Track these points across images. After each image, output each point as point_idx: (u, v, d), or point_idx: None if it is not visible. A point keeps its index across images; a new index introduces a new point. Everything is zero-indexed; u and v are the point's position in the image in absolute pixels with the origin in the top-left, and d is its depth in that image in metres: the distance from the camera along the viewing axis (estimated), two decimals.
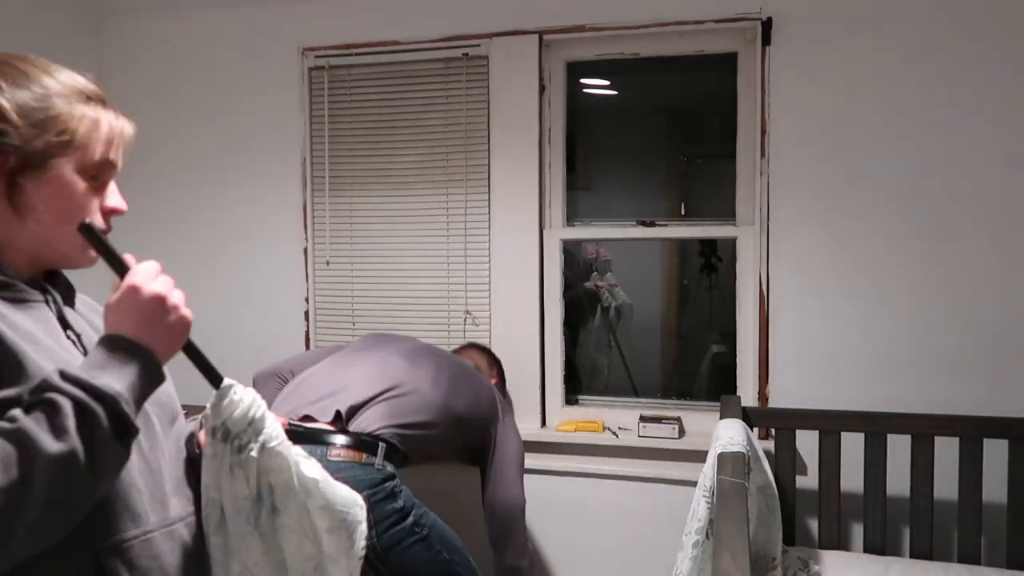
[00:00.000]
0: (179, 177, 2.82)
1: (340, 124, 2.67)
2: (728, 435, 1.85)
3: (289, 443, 1.00)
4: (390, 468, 1.84)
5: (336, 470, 1.50)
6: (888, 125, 2.24)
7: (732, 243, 2.44)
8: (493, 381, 2.32)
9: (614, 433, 2.47)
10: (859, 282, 2.28)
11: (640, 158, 3.00)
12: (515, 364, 2.54)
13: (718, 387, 2.97)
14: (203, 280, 2.80)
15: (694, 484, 2.40)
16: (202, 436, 1.00)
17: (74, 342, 0.93)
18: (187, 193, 2.81)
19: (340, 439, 1.83)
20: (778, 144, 2.31)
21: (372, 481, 1.77)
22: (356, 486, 1.38)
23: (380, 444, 1.84)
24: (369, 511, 1.46)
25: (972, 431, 2.07)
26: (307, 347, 2.73)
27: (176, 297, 0.89)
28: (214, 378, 0.98)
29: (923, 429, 2.10)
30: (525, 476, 2.55)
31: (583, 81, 2.69)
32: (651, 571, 2.48)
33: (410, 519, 1.83)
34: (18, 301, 0.89)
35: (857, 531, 2.30)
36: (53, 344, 0.88)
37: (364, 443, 1.84)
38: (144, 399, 0.85)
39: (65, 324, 0.94)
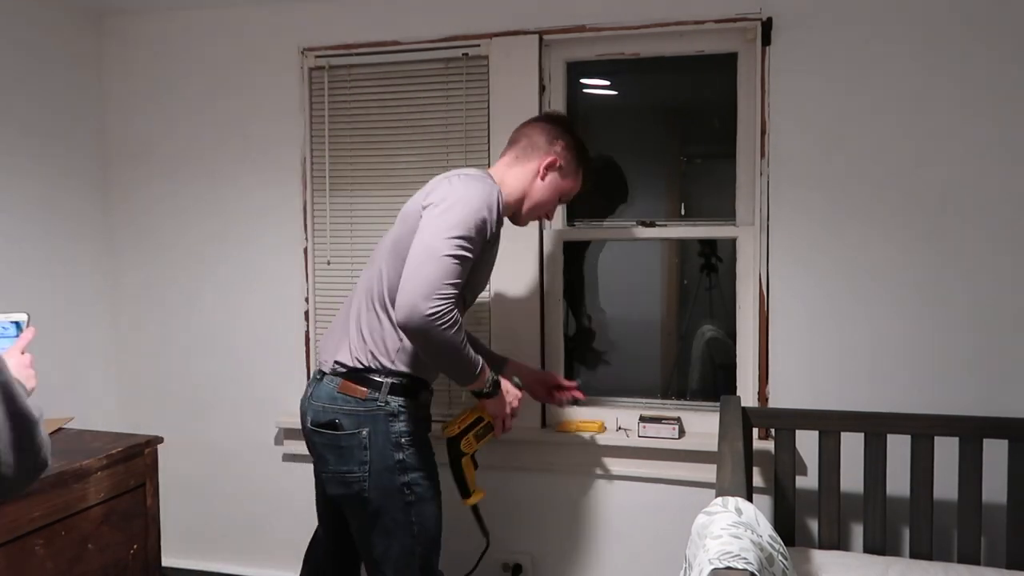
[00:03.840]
0: (179, 177, 2.82)
1: (340, 124, 2.67)
2: (722, 548, 1.28)
3: None
4: (396, 404, 1.83)
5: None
6: (888, 125, 2.24)
7: (732, 243, 2.44)
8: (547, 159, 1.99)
9: (625, 432, 2.47)
10: (859, 282, 2.28)
11: (640, 158, 2.99)
12: None
13: (714, 377, 2.97)
14: (203, 280, 2.80)
15: (694, 484, 2.42)
16: None
17: None
18: (187, 193, 2.82)
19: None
20: (778, 144, 2.31)
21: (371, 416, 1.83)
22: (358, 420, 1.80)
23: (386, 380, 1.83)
24: (369, 445, 1.80)
25: (972, 431, 2.07)
26: (307, 347, 2.73)
27: None
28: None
29: (923, 429, 2.10)
30: (525, 474, 2.56)
31: (583, 81, 2.69)
32: (651, 571, 2.48)
33: (407, 476, 1.84)
34: None
35: (857, 531, 2.30)
36: None
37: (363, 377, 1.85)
38: None
39: None
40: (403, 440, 1.84)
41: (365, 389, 1.83)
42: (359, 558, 2.05)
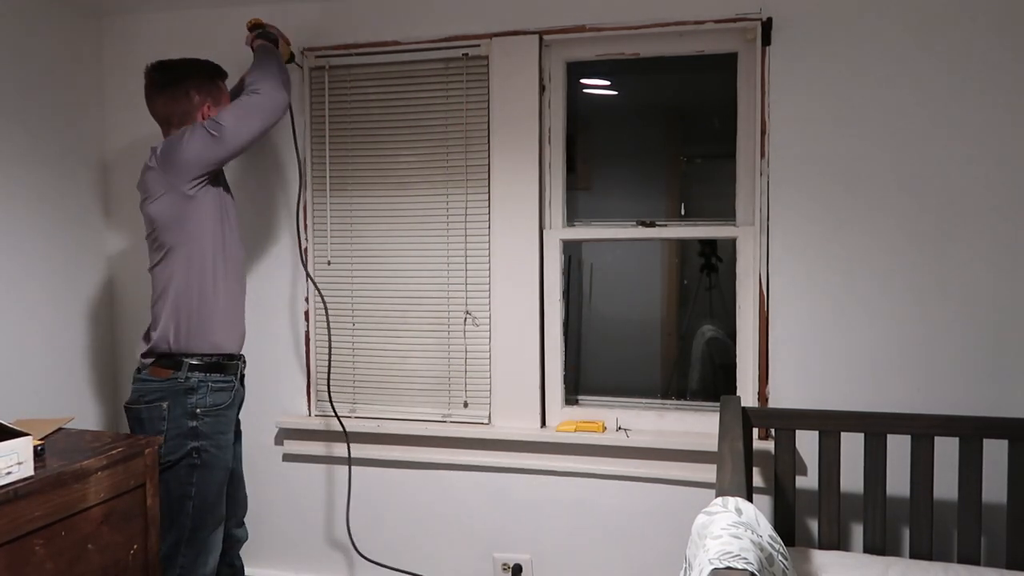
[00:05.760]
0: None
1: (340, 124, 2.68)
2: (722, 548, 1.30)
3: None
4: (196, 380, 2.10)
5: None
6: (888, 125, 2.24)
7: (732, 243, 2.44)
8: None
9: (625, 432, 2.47)
10: (859, 282, 2.28)
11: (640, 158, 3.00)
12: (515, 364, 2.54)
13: (714, 377, 2.98)
14: None
15: (694, 484, 2.42)
16: None
17: None
18: None
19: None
20: (778, 144, 2.31)
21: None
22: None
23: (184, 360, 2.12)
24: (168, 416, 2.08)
25: (972, 431, 2.07)
26: (307, 347, 2.73)
27: None
28: None
29: (923, 429, 2.10)
30: (525, 475, 2.56)
31: (583, 81, 2.69)
32: (651, 571, 2.48)
33: (196, 443, 2.09)
34: None
35: (857, 531, 2.30)
36: None
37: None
38: None
39: None
40: (198, 411, 2.10)
41: (171, 371, 2.10)
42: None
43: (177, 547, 2.12)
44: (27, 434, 1.79)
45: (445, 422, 2.61)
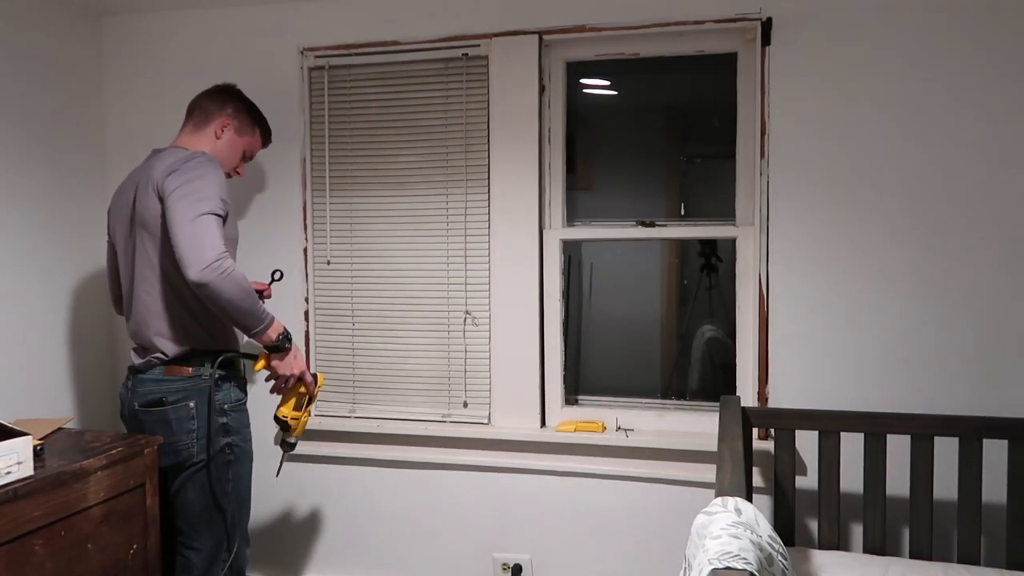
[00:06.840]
0: None
1: (340, 124, 2.68)
2: (721, 548, 1.30)
3: None
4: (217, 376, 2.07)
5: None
6: (888, 125, 2.24)
7: (732, 243, 2.44)
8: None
9: (625, 432, 2.48)
10: (859, 282, 2.28)
11: (640, 158, 3.00)
12: (515, 364, 2.55)
13: (714, 377, 2.98)
14: None
15: (694, 484, 2.42)
16: None
17: None
18: None
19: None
20: (778, 144, 2.31)
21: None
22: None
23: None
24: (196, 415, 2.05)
25: (972, 431, 2.07)
26: (307, 347, 2.73)
27: None
28: None
29: (923, 429, 2.10)
30: (525, 475, 2.56)
31: (583, 81, 2.69)
32: (651, 571, 2.48)
33: (229, 438, 2.09)
34: None
35: (857, 531, 2.30)
36: None
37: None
38: None
39: None
40: (226, 407, 2.09)
41: (190, 368, 2.06)
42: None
43: (220, 545, 2.11)
44: (27, 434, 1.79)
45: (445, 422, 2.62)
